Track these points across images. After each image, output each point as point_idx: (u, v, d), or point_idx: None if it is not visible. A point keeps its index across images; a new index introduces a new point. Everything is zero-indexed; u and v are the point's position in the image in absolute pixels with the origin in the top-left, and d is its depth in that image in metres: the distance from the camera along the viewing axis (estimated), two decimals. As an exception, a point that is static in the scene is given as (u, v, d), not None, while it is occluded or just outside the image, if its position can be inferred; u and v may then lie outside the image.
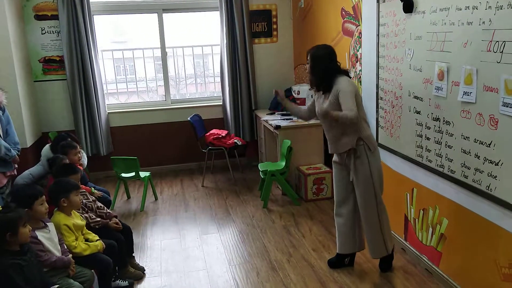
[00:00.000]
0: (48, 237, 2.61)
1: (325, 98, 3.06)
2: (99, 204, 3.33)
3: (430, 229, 3.16)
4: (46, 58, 5.44)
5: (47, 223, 2.67)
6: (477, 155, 2.57)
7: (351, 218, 3.23)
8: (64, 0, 5.16)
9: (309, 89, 3.28)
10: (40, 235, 2.56)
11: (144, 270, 3.45)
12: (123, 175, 4.82)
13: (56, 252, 2.61)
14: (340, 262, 3.35)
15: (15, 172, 3.77)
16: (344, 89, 2.91)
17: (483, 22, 2.42)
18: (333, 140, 3.11)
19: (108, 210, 3.35)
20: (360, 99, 3.05)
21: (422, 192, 3.25)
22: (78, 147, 3.90)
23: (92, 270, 2.82)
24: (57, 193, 2.82)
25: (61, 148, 3.77)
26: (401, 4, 3.18)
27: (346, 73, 3.07)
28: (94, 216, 3.17)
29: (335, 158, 3.23)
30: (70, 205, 2.84)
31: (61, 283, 2.49)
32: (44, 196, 2.65)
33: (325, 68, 3.01)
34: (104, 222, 3.21)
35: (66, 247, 2.72)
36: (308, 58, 3.07)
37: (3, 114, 3.68)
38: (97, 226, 3.13)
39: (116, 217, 3.34)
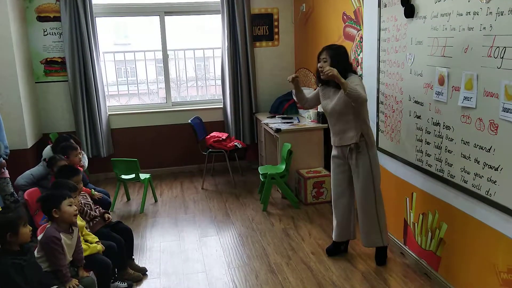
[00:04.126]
0: (69, 244, 2.62)
1: (334, 94, 3.25)
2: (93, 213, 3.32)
3: (430, 234, 3.17)
4: (48, 59, 5.45)
5: (74, 229, 2.67)
6: (477, 160, 2.58)
7: (348, 209, 3.46)
8: (67, 1, 5.19)
9: (319, 85, 3.43)
10: (63, 239, 2.57)
11: (146, 271, 3.45)
12: (123, 176, 4.82)
13: (69, 259, 2.62)
14: (337, 249, 3.60)
15: (6, 175, 3.77)
16: (358, 82, 3.14)
17: (484, 28, 2.43)
18: (338, 133, 3.31)
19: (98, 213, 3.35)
20: None
21: (421, 196, 3.25)
22: (79, 148, 3.91)
23: (91, 273, 2.82)
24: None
25: (62, 149, 3.77)
26: (402, 9, 3.20)
27: (355, 72, 3.31)
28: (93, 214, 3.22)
29: (334, 153, 3.43)
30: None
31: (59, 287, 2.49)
32: (72, 198, 2.65)
33: (345, 63, 3.20)
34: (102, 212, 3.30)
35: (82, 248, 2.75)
36: (325, 54, 3.18)
37: None
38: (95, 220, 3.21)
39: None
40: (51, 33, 5.40)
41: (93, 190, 3.86)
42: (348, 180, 3.40)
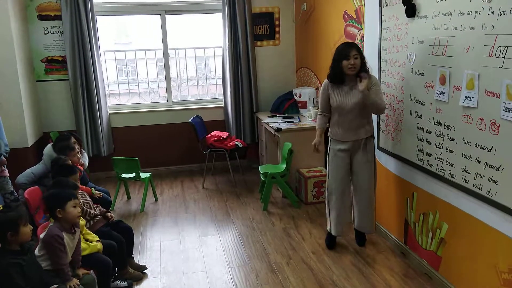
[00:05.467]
0: (70, 244, 2.62)
1: (353, 90, 3.31)
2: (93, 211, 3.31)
3: (430, 234, 3.16)
4: (49, 58, 5.45)
5: (76, 230, 2.68)
6: (478, 160, 2.57)
7: (350, 201, 3.60)
8: (68, 0, 5.18)
9: (329, 80, 3.45)
10: (65, 238, 2.58)
11: (146, 268, 3.46)
12: (124, 175, 4.82)
13: (69, 258, 2.62)
14: (335, 241, 3.71)
15: (6, 174, 3.77)
16: (378, 83, 3.36)
17: (486, 27, 2.42)
18: (356, 127, 3.39)
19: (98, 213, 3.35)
20: None
21: (422, 196, 3.24)
22: (76, 148, 3.90)
23: (92, 272, 2.82)
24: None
25: (59, 150, 3.77)
26: (403, 8, 3.19)
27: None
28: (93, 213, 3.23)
29: (341, 147, 3.45)
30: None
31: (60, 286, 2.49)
32: (77, 200, 2.66)
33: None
34: (103, 211, 3.32)
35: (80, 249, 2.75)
36: (355, 50, 3.24)
37: None
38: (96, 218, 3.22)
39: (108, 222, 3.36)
40: (52, 32, 5.39)
41: (93, 189, 3.86)
42: (349, 172, 3.51)
